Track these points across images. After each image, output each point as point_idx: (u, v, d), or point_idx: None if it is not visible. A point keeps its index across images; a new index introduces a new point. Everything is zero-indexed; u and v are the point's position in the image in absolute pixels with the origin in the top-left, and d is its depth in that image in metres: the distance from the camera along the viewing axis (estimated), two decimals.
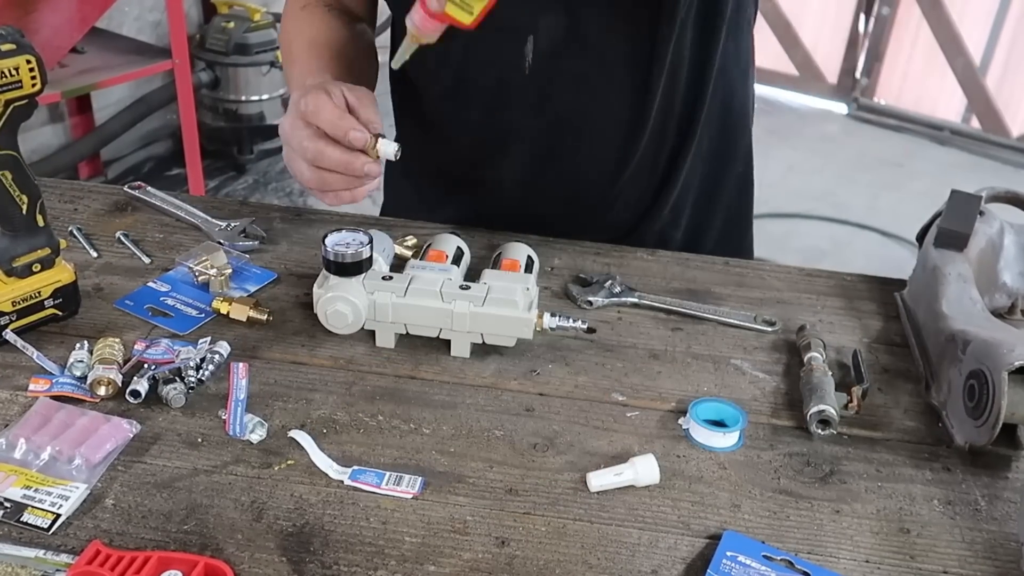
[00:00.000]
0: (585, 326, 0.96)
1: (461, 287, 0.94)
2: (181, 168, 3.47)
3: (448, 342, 0.96)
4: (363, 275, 0.94)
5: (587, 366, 0.97)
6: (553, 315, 0.96)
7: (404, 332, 0.96)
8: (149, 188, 1.22)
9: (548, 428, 0.88)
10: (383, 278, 0.95)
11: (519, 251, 1.05)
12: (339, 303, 0.93)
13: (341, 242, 0.93)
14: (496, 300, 0.93)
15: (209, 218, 1.16)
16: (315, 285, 0.95)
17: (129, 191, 1.21)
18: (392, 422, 0.87)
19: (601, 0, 1.06)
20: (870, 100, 5.12)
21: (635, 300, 1.06)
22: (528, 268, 1.03)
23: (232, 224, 1.14)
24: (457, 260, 1.03)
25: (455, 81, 1.12)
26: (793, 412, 0.92)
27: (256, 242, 1.12)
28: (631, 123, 1.13)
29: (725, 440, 0.87)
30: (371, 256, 0.94)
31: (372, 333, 0.97)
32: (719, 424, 0.89)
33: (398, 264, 1.05)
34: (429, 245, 1.05)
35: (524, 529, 0.77)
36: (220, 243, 1.11)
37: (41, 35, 2.75)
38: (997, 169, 4.57)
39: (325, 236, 0.93)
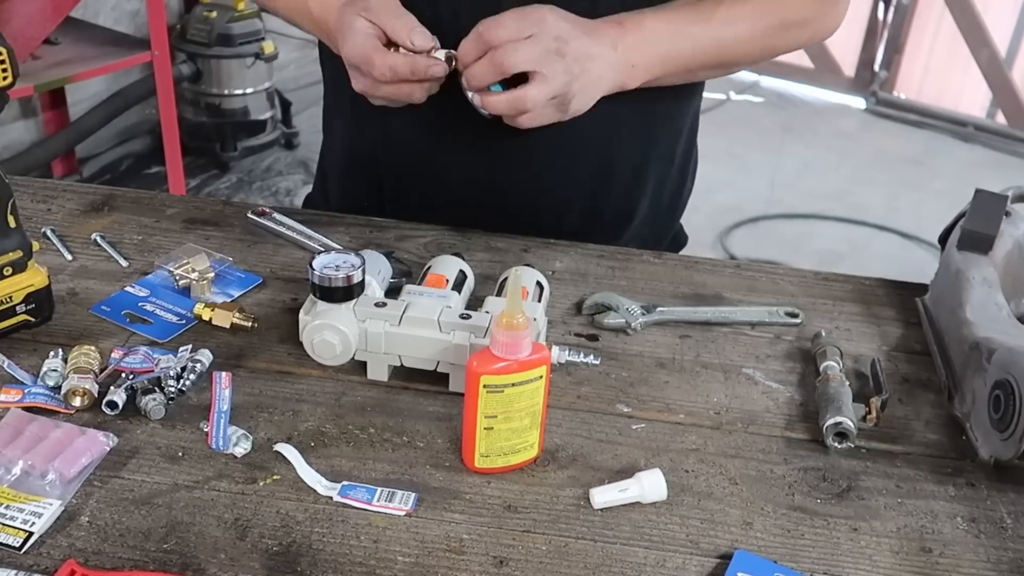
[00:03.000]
0: (598, 361, 0.94)
1: (462, 316, 0.90)
2: (160, 166, 3.48)
3: (447, 376, 0.93)
4: (354, 301, 0.91)
5: (590, 375, 0.97)
6: (563, 349, 0.93)
7: (399, 364, 0.93)
8: (276, 214, 1.17)
9: (549, 441, 0.88)
10: (376, 304, 0.91)
11: (527, 277, 1.01)
12: (326, 332, 0.90)
13: (330, 264, 0.89)
14: None
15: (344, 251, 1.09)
16: (301, 311, 0.92)
17: (253, 217, 1.18)
18: (384, 435, 0.88)
19: None
20: (889, 94, 5.13)
21: (658, 318, 1.06)
22: (538, 297, 1.00)
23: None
24: (459, 285, 1.00)
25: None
26: (808, 424, 0.93)
27: (402, 280, 1.05)
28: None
29: None
30: (363, 280, 0.91)
31: (364, 364, 0.94)
32: None
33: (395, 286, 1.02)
34: (428, 268, 1.03)
35: (524, 548, 0.77)
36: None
37: (12, 25, 2.76)
38: None
39: (312, 258, 0.90)
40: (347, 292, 0.90)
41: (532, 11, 0.98)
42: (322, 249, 1.11)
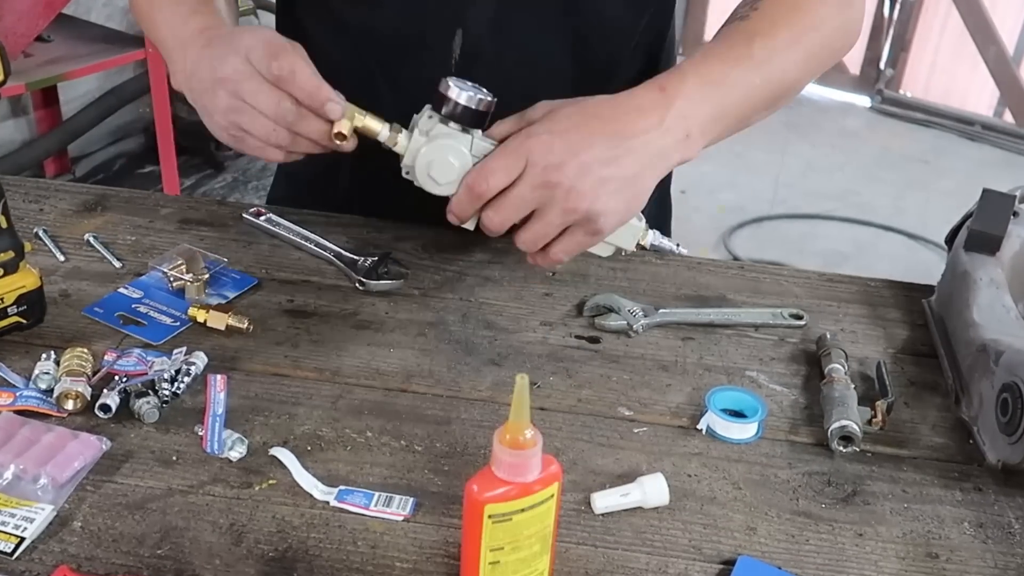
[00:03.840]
0: (686, 251, 0.96)
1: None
2: (154, 165, 3.48)
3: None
4: (477, 132, 0.92)
5: (591, 378, 0.97)
6: (655, 231, 0.97)
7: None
8: (272, 215, 1.18)
9: (549, 445, 0.88)
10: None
11: None
12: (451, 153, 0.91)
13: (466, 87, 0.91)
14: None
15: (343, 250, 1.11)
16: (416, 130, 0.92)
17: (248, 218, 1.18)
18: (381, 439, 0.88)
19: None
20: (895, 92, 5.14)
21: (660, 320, 1.06)
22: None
23: (370, 260, 1.09)
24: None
25: (369, 85, 1.11)
26: (813, 428, 0.93)
27: (400, 281, 1.07)
28: None
29: (744, 431, 0.89)
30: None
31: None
32: (738, 415, 0.91)
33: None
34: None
35: None
36: (360, 283, 1.07)
37: (4, 22, 2.76)
38: None
39: (444, 80, 0.91)
40: (480, 119, 0.92)
41: (519, 142, 0.89)
42: (319, 250, 1.11)
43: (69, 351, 0.91)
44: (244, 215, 1.19)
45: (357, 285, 1.07)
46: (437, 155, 0.92)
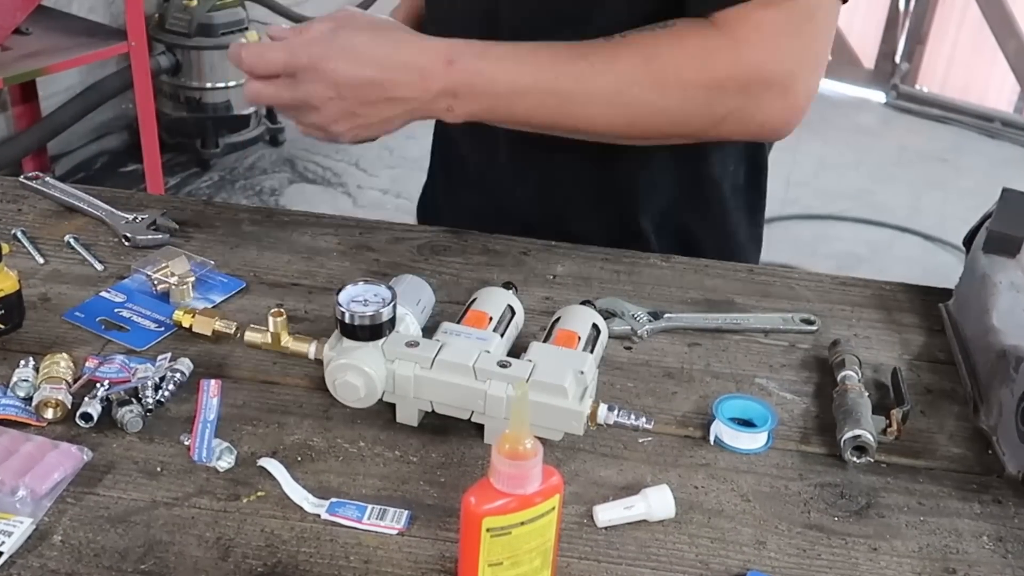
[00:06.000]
0: (651, 424, 0.87)
1: (500, 364, 0.86)
2: (138, 163, 3.48)
3: (482, 426, 0.90)
4: (383, 340, 0.88)
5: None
6: (611, 409, 0.87)
7: (430, 410, 0.90)
8: (48, 178, 1.23)
9: (550, 456, 0.88)
10: (407, 344, 0.88)
11: (581, 319, 0.96)
12: (350, 373, 0.87)
13: (358, 298, 0.87)
14: (541, 385, 0.85)
15: (114, 210, 1.17)
16: (326, 346, 0.90)
17: (25, 182, 1.22)
18: (375, 449, 0.88)
19: None
20: (911, 87, 5.14)
21: (666, 325, 1.06)
22: (591, 344, 0.94)
23: (140, 217, 1.16)
24: (503, 324, 0.96)
25: None
26: (825, 437, 0.93)
27: (167, 235, 1.14)
28: None
29: (753, 441, 0.89)
30: (394, 317, 0.88)
31: (392, 404, 0.91)
32: (747, 424, 0.92)
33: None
34: (473, 301, 0.98)
35: None
36: (125, 237, 1.13)
37: None
38: None
39: (340, 290, 0.88)
40: (376, 331, 0.87)
41: (304, 61, 0.99)
42: (91, 209, 1.17)
43: (49, 357, 0.91)
44: (21, 179, 1.23)
45: (123, 241, 1.13)
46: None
